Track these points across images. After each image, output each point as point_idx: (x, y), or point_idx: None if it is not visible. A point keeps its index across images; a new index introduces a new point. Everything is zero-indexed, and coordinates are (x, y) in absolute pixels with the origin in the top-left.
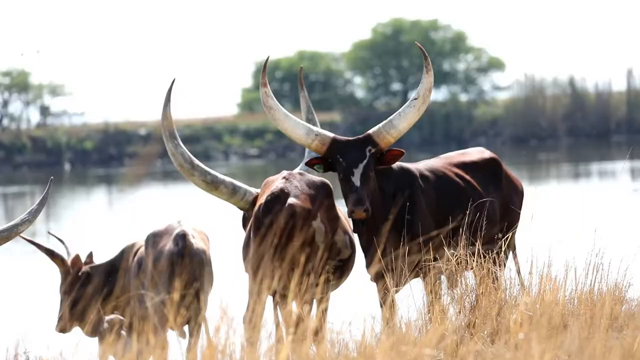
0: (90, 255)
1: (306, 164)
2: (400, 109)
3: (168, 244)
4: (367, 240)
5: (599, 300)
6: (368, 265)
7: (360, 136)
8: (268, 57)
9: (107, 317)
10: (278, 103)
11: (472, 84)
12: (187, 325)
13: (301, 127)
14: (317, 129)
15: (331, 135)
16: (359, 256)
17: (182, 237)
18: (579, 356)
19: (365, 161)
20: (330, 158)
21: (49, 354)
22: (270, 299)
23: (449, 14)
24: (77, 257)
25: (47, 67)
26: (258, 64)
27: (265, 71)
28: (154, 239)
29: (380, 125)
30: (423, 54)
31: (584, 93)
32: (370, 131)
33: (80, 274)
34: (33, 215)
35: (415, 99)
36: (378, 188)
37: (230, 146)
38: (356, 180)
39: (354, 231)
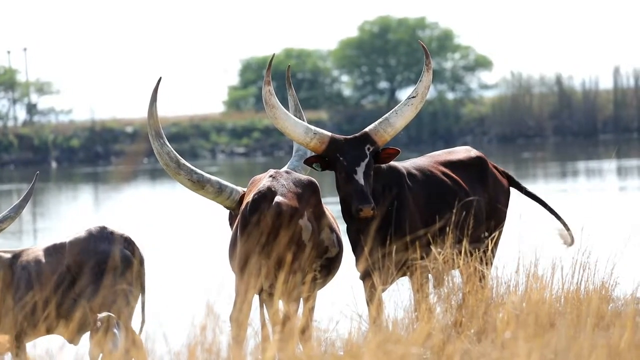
0: None
1: (305, 162)
2: (397, 107)
3: (114, 249)
4: (356, 238)
5: (586, 299)
6: (358, 262)
7: (357, 134)
8: (274, 55)
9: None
10: (279, 102)
11: (459, 82)
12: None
13: (300, 126)
14: (315, 128)
15: (329, 134)
16: (347, 254)
17: (130, 242)
18: (566, 355)
19: (366, 160)
20: (329, 157)
21: (35, 352)
22: (256, 297)
23: (436, 12)
24: None
25: (34, 64)
26: (244, 62)
27: (270, 69)
28: (83, 244)
29: (376, 123)
30: (425, 53)
31: (571, 91)
32: (367, 129)
33: None
34: (16, 211)
35: (413, 97)
36: None
37: (217, 144)
38: (360, 178)
39: (348, 230)
